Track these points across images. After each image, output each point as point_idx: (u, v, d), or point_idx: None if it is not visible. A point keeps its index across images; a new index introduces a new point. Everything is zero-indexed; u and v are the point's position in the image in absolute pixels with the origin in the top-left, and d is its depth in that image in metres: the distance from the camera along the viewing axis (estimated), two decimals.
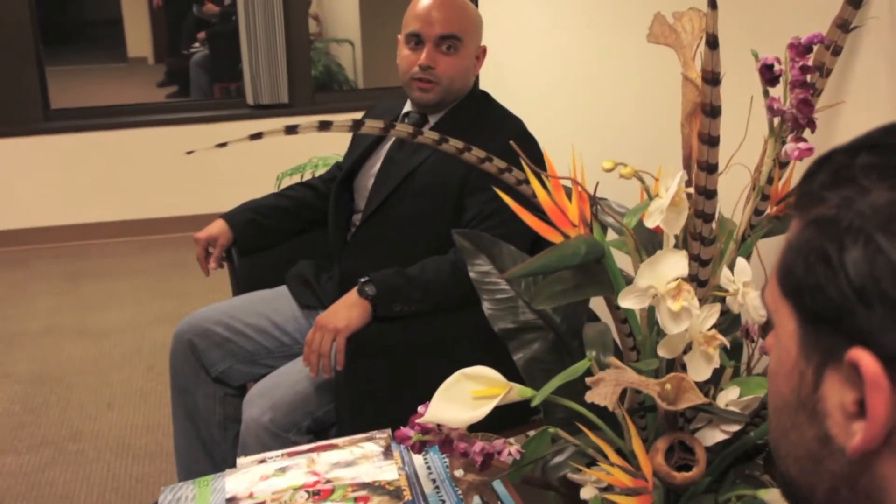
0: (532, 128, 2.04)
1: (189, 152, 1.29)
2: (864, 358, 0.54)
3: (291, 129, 1.14)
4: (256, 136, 1.12)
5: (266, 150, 4.17)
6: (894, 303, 0.53)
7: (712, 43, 1.00)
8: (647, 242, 1.38)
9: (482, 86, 2.99)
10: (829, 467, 0.60)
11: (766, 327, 1.35)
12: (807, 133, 1.29)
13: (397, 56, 2.03)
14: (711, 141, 1.08)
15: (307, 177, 3.19)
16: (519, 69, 2.78)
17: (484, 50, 2.06)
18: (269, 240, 2.21)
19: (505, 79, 2.89)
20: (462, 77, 2.00)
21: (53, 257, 4.45)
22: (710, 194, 1.13)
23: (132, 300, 3.91)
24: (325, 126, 1.14)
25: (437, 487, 1.43)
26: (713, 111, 1.06)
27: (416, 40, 1.97)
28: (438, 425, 1.27)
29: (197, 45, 6.72)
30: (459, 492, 1.40)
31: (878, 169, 0.57)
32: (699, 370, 1.19)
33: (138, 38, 9.29)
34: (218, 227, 2.15)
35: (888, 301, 0.53)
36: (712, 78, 1.03)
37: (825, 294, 0.56)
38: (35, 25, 4.46)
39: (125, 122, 4.68)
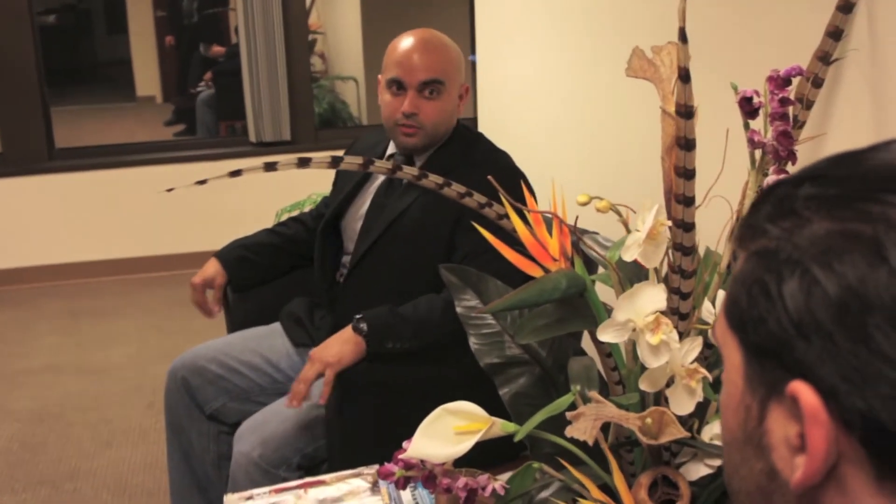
0: (526, 163, 2.04)
1: (168, 189, 1.30)
2: (803, 391, 0.54)
3: (270, 167, 1.14)
4: (235, 173, 1.12)
5: (267, 188, 4.20)
6: (830, 335, 0.53)
7: (684, 76, 1.01)
8: (634, 276, 1.37)
9: (479, 124, 3.02)
10: (778, 502, 0.59)
11: None
12: (790, 165, 1.30)
13: (379, 99, 2.01)
14: (687, 174, 1.08)
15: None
16: (514, 106, 2.80)
17: (467, 88, 2.04)
18: (261, 276, 2.20)
19: (500, 116, 2.91)
20: (446, 119, 1.99)
21: (57, 295, 4.46)
22: (688, 227, 1.12)
23: (134, 337, 3.92)
24: (303, 163, 1.14)
25: None
26: (688, 144, 1.06)
27: (397, 86, 1.95)
28: (422, 461, 1.26)
29: (203, 84, 6.79)
30: None
31: (819, 200, 0.56)
32: (682, 404, 1.18)
33: (147, 77, 9.38)
34: (213, 268, 2.15)
35: (824, 333, 0.53)
36: (686, 111, 1.03)
37: (766, 326, 0.56)
38: (40, 65, 4.52)
39: (129, 160, 4.71)
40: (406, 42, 1.96)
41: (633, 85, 1.37)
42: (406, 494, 1.48)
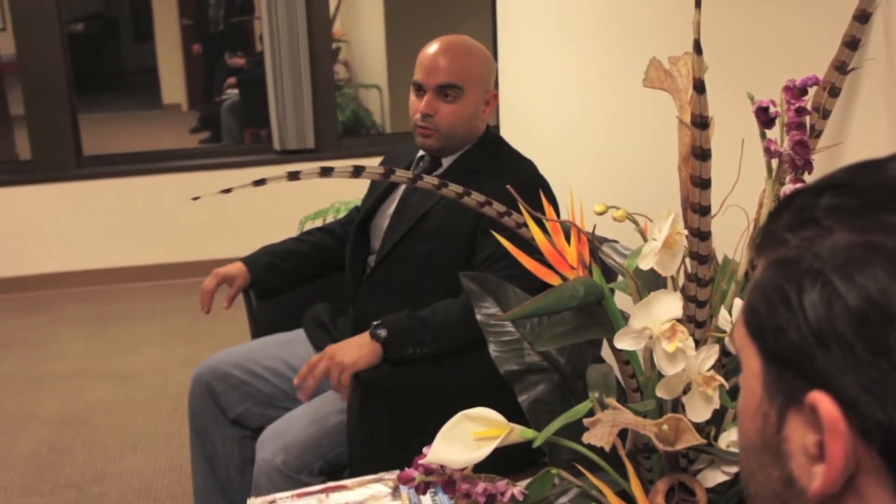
0: (546, 171, 2.06)
1: (195, 198, 1.33)
2: (822, 401, 0.54)
3: (294, 176, 1.17)
4: (259, 182, 1.15)
5: (291, 195, 4.23)
6: (851, 347, 0.53)
7: (699, 87, 1.02)
8: (652, 284, 1.39)
9: (501, 130, 3.03)
10: None
11: None
12: (806, 174, 1.31)
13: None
14: (703, 184, 1.10)
15: (329, 220, 3.23)
16: (535, 113, 2.81)
17: (494, 95, 2.08)
18: (287, 283, 2.23)
19: (521, 122, 2.92)
20: (464, 124, 2.02)
21: (83, 301, 4.52)
22: (704, 236, 1.14)
23: (159, 343, 3.96)
24: (326, 172, 1.17)
25: None
26: (703, 154, 1.07)
27: (419, 88, 2.02)
28: (442, 466, 1.28)
29: (229, 91, 6.85)
30: None
31: (840, 210, 0.57)
32: (698, 411, 1.19)
33: (173, 85, 9.47)
34: (236, 269, 2.18)
35: (845, 344, 0.53)
36: (701, 121, 1.05)
37: (786, 336, 0.56)
38: (69, 74, 4.58)
39: (155, 167, 4.77)
40: (433, 46, 2.02)
41: (650, 95, 1.38)
42: (426, 499, 1.50)
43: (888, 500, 0.54)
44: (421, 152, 2.13)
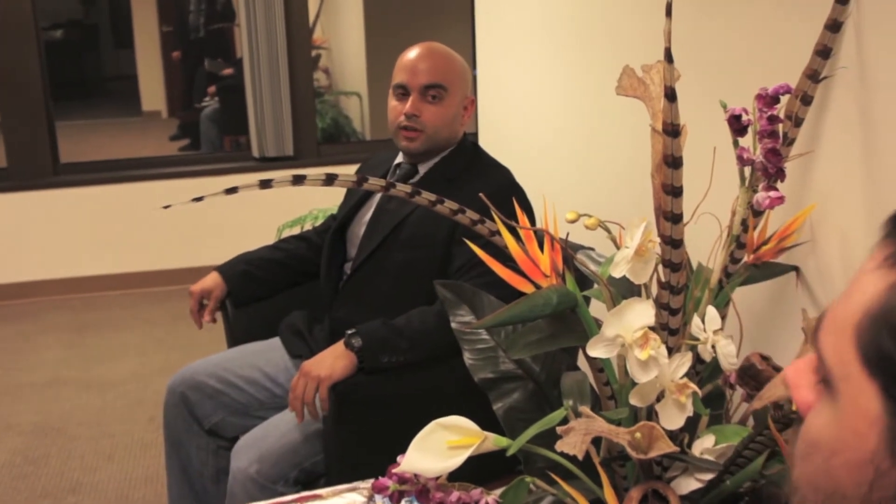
0: (523, 179, 2.06)
1: (166, 206, 1.32)
2: None
3: (266, 184, 1.16)
4: (231, 190, 1.14)
5: (270, 203, 4.22)
6: None
7: (670, 95, 1.02)
8: (626, 292, 1.39)
9: (480, 138, 3.04)
10: None
11: (744, 375, 1.36)
12: (781, 182, 1.31)
13: (388, 108, 2.07)
14: (675, 191, 1.10)
15: (307, 228, 3.22)
16: (513, 121, 2.82)
17: (472, 101, 2.10)
18: (263, 291, 2.23)
19: (499, 131, 2.93)
20: (448, 126, 2.04)
21: (60, 309, 4.48)
22: (677, 244, 1.14)
23: (137, 352, 3.94)
24: (298, 180, 1.16)
25: None
26: (675, 162, 1.08)
27: (402, 91, 2.02)
28: (416, 475, 1.28)
29: (208, 99, 6.82)
30: None
31: None
32: (672, 418, 1.19)
33: (153, 92, 9.43)
34: (212, 280, 2.18)
35: None
36: (672, 130, 1.05)
37: None
38: (45, 80, 4.55)
39: (133, 175, 4.74)
40: (414, 51, 2.05)
41: (625, 103, 1.39)
42: None
43: None
44: (399, 159, 2.12)
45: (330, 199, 3.51)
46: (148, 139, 8.35)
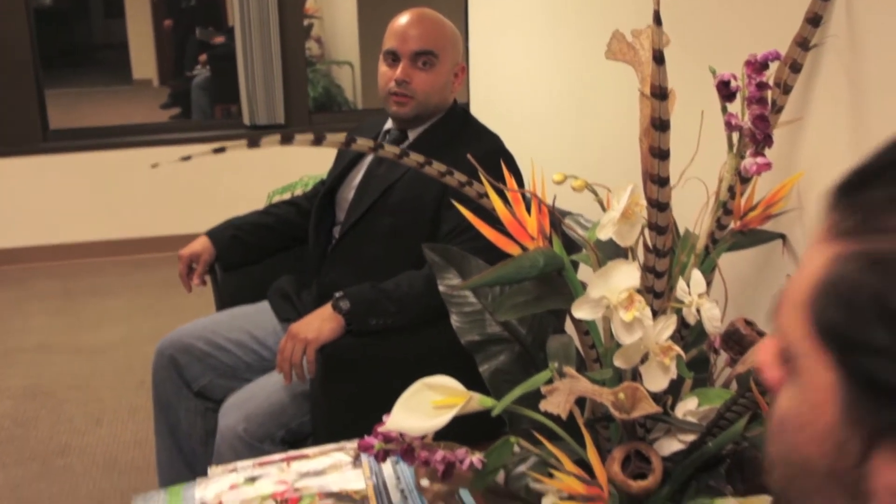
0: (514, 145, 2.07)
1: (153, 165, 1.32)
2: None
3: (254, 143, 1.16)
4: (219, 150, 1.15)
5: (259, 170, 4.22)
6: None
7: (658, 58, 1.03)
8: (613, 256, 1.40)
9: (471, 106, 3.03)
10: None
11: (728, 340, 1.37)
12: (769, 148, 1.32)
13: (378, 73, 2.07)
14: (661, 154, 1.10)
15: (298, 194, 3.22)
16: (504, 88, 2.81)
17: (462, 68, 2.10)
18: (252, 256, 2.23)
19: (490, 98, 2.92)
20: (438, 92, 2.04)
21: (50, 275, 4.48)
22: (663, 207, 1.15)
23: (126, 317, 3.94)
24: (286, 140, 1.16)
25: (404, 497, 1.44)
26: (662, 125, 1.08)
27: (392, 57, 2.02)
28: (401, 434, 1.29)
29: (199, 67, 6.79)
30: (426, 502, 1.42)
31: None
32: (655, 380, 1.21)
33: (143, 60, 9.38)
34: (201, 244, 2.19)
35: None
36: (660, 93, 1.05)
37: (889, 361, 0.46)
38: (34, 46, 4.52)
39: (122, 142, 4.72)
40: (405, 17, 2.04)
41: (615, 68, 1.39)
42: (387, 467, 1.51)
43: None
44: (388, 125, 2.12)
45: (320, 166, 3.50)
46: (138, 107, 8.31)
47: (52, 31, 8.43)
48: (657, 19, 1.02)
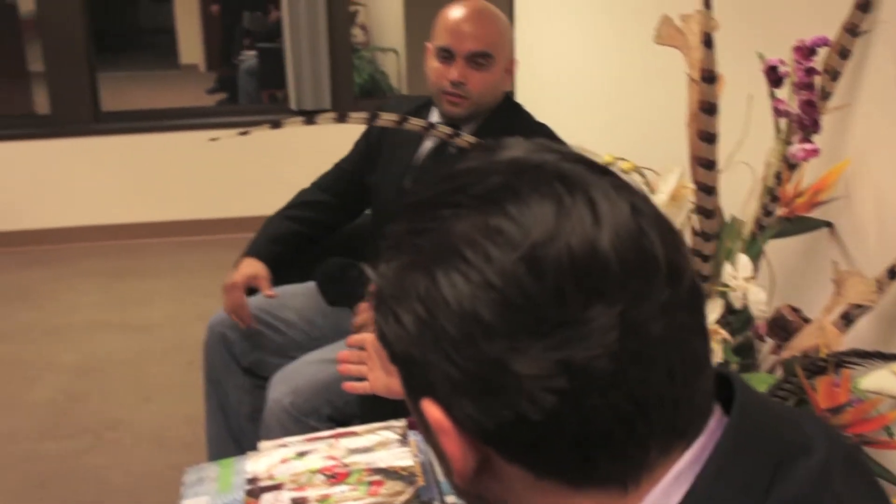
0: (560, 130, 2.08)
1: (213, 139, 1.36)
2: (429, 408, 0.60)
3: (310, 120, 1.20)
4: (276, 124, 1.18)
5: (307, 154, 4.26)
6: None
7: (708, 42, 1.04)
8: None
9: (518, 89, 3.05)
10: None
11: (774, 326, 1.38)
12: (816, 134, 1.33)
13: (426, 65, 2.03)
14: (709, 138, 1.12)
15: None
16: (550, 72, 2.83)
17: (514, 62, 2.06)
18: (290, 267, 2.19)
19: (537, 82, 2.94)
20: (492, 91, 2.00)
21: (97, 255, 4.57)
22: (710, 190, 1.16)
23: (173, 297, 4.02)
24: (342, 118, 1.20)
25: None
26: (710, 108, 1.10)
27: (446, 54, 1.96)
28: None
29: (246, 52, 6.86)
30: None
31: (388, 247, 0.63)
32: None
33: (190, 46, 9.48)
34: (252, 268, 2.09)
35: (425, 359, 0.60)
36: (709, 76, 1.07)
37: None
38: (87, 31, 4.60)
39: (172, 124, 4.80)
40: (458, 11, 1.97)
41: (663, 53, 1.40)
42: None
43: (517, 471, 0.59)
44: (435, 118, 2.09)
45: None
46: (185, 92, 8.41)
47: (100, 16, 8.57)
48: (707, 3, 1.03)
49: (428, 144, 2.07)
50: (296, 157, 4.50)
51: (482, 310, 0.55)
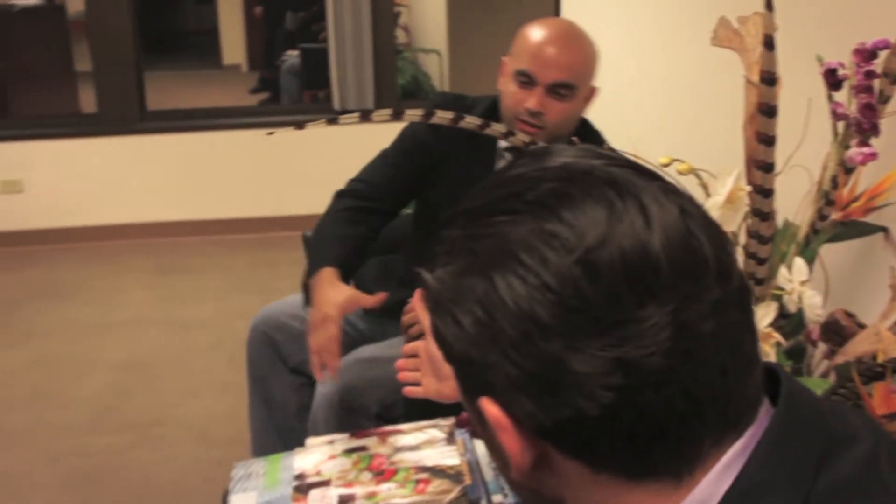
0: (609, 132, 2.07)
1: (269, 133, 1.38)
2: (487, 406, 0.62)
3: (366, 117, 1.20)
4: (332, 120, 1.19)
5: (352, 154, 4.27)
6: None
7: (769, 44, 1.03)
8: None
9: None
10: None
11: (828, 331, 1.37)
12: (875, 137, 1.31)
13: (501, 83, 1.89)
14: (768, 140, 1.11)
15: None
16: (602, 74, 2.81)
17: (594, 90, 1.90)
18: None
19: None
20: (570, 122, 1.87)
21: (145, 252, 4.63)
22: (767, 193, 1.15)
23: (218, 295, 4.06)
24: (397, 115, 1.20)
25: (497, 474, 1.47)
26: (769, 111, 1.09)
27: (526, 78, 1.80)
28: None
29: (289, 53, 6.90)
30: None
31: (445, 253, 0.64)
32: None
33: (233, 46, 9.56)
34: (342, 293, 1.76)
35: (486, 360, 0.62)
36: (769, 78, 1.06)
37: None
38: (135, 32, 4.67)
39: (216, 124, 4.85)
40: (544, 32, 1.81)
41: (717, 55, 1.39)
42: (481, 444, 1.54)
43: (574, 466, 0.61)
44: (504, 144, 1.96)
45: None
46: (228, 92, 8.48)
47: (145, 16, 8.67)
48: (768, 5, 1.03)
49: (501, 163, 2.00)
50: (339, 156, 4.52)
51: (539, 311, 0.57)
